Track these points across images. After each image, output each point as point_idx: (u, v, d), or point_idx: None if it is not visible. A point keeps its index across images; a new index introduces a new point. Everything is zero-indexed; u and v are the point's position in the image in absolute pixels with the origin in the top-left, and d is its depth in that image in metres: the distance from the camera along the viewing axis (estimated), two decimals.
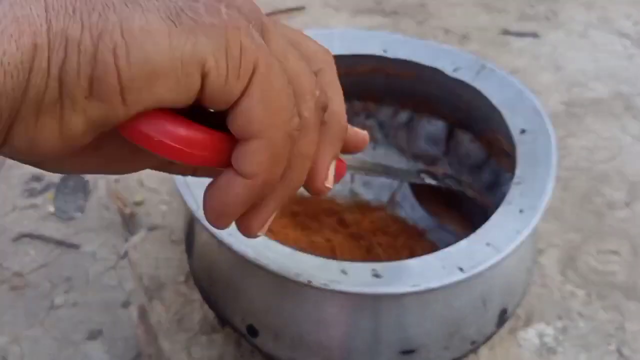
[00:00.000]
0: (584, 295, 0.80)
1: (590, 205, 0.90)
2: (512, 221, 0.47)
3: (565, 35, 1.19)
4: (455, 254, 0.45)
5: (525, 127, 0.54)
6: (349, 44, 0.62)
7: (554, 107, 1.02)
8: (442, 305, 0.47)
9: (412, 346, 0.47)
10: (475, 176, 0.64)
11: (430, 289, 0.43)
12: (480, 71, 0.59)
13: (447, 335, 0.48)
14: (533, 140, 0.53)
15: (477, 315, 0.50)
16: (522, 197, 0.49)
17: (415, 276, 0.43)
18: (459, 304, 0.48)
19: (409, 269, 0.44)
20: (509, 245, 0.45)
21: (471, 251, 0.45)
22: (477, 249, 0.45)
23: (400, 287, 0.43)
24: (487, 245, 0.46)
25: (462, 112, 0.63)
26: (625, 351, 0.75)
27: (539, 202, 0.48)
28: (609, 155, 0.99)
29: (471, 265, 0.44)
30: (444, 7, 1.27)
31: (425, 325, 0.47)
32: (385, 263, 0.44)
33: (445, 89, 0.61)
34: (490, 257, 0.45)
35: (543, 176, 0.50)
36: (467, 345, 0.51)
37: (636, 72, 1.12)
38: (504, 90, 0.57)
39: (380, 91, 0.67)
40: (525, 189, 0.50)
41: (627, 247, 0.94)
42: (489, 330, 0.53)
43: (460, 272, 0.43)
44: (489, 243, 0.46)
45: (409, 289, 0.43)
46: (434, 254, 0.45)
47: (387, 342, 0.46)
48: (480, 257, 0.45)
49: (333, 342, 0.46)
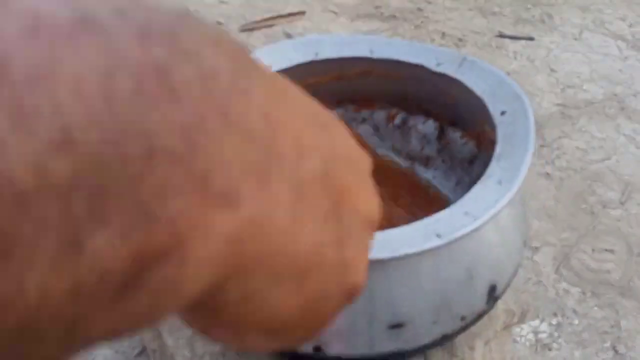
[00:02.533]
0: (579, 293, 0.81)
1: (584, 204, 0.92)
2: (491, 192, 0.49)
3: (561, 38, 1.20)
4: (434, 223, 0.47)
5: (506, 109, 0.56)
6: (337, 48, 0.64)
7: (548, 108, 1.04)
8: (427, 276, 0.48)
9: (400, 320, 0.49)
10: (467, 171, 0.66)
11: (408, 254, 0.45)
12: (462, 63, 0.61)
13: (435, 309, 0.50)
14: (513, 121, 0.55)
15: (464, 288, 0.51)
16: (501, 170, 0.51)
17: (394, 244, 0.45)
18: (444, 275, 0.49)
19: (389, 237, 0.46)
20: (486, 212, 0.47)
21: (450, 220, 0.47)
22: (455, 218, 0.47)
23: (379, 254, 0.44)
24: (465, 214, 0.47)
25: (450, 108, 0.65)
26: (620, 348, 0.76)
27: (517, 174, 0.50)
28: (603, 155, 1.00)
29: (449, 232, 0.46)
30: (440, 11, 1.29)
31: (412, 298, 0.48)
32: None
33: (431, 86, 0.63)
34: (468, 224, 0.46)
35: (521, 151, 0.52)
36: (457, 321, 0.52)
37: (631, 73, 1.14)
38: (485, 79, 0.59)
39: (372, 94, 0.69)
40: (504, 164, 0.51)
41: (622, 245, 0.95)
42: (479, 306, 0.53)
43: (438, 239, 0.45)
44: (467, 212, 0.47)
45: (386, 255, 0.44)
46: (413, 224, 0.47)
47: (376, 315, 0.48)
48: (458, 224, 0.46)
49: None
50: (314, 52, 0.63)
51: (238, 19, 1.61)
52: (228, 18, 1.63)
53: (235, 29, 1.55)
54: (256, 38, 1.56)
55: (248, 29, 1.56)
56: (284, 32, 1.57)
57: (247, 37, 1.54)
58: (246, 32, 1.54)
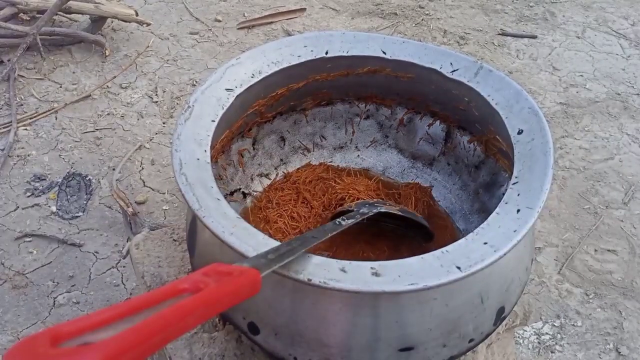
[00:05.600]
0: (582, 294, 0.80)
1: (587, 204, 0.91)
2: (510, 220, 0.47)
3: (563, 36, 1.20)
4: (453, 252, 0.45)
5: (523, 128, 0.54)
6: (348, 46, 0.62)
7: (551, 107, 1.03)
8: (440, 303, 0.47)
9: (410, 344, 0.48)
10: (473, 176, 0.64)
11: (428, 287, 0.43)
12: (478, 72, 0.59)
13: (446, 333, 0.49)
14: (530, 141, 0.53)
15: (475, 313, 0.50)
16: (519, 196, 0.49)
17: (413, 275, 0.43)
18: (457, 302, 0.48)
19: (408, 267, 0.44)
20: (506, 244, 0.45)
21: (469, 250, 0.45)
22: (474, 247, 0.46)
23: (399, 286, 0.43)
24: (484, 244, 0.46)
25: (460, 112, 0.63)
26: (623, 350, 0.75)
27: (536, 202, 0.48)
28: (606, 155, 0.99)
29: (469, 264, 0.44)
30: (442, 8, 1.27)
31: (423, 323, 0.47)
32: (384, 262, 0.44)
33: (443, 90, 0.62)
34: (488, 256, 0.45)
35: (540, 176, 0.50)
36: (465, 343, 0.52)
37: (634, 72, 1.13)
38: (501, 91, 0.57)
39: (380, 92, 0.67)
40: (522, 188, 0.50)
41: (625, 246, 0.94)
42: (487, 328, 0.53)
43: (458, 271, 0.44)
44: (486, 242, 0.46)
45: (407, 287, 0.43)
46: (432, 253, 0.45)
47: (386, 339, 0.47)
48: (477, 255, 0.45)
49: (333, 339, 0.47)
50: (324, 49, 0.61)
51: (237, 15, 1.60)
52: (227, 15, 1.62)
53: (234, 26, 1.54)
54: (255, 35, 1.54)
55: (247, 26, 1.55)
56: (284, 29, 1.56)
57: (245, 34, 1.52)
58: (245, 30, 1.52)
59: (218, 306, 0.30)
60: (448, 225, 0.62)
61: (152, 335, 0.25)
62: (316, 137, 0.68)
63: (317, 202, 0.62)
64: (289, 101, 0.63)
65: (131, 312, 0.26)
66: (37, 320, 0.89)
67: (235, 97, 0.54)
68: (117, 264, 0.96)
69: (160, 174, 1.08)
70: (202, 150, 0.49)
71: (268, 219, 0.60)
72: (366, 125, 0.70)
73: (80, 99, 1.22)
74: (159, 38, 1.41)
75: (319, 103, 0.67)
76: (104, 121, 1.17)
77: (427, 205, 0.64)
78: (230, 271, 0.32)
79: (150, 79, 1.28)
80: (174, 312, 0.27)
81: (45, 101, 1.22)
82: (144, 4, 1.55)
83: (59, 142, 1.14)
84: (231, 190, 0.61)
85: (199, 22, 1.49)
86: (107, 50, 1.37)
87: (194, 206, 0.45)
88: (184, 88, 1.27)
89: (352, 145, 0.70)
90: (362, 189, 0.64)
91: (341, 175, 0.66)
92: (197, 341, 0.58)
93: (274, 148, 0.65)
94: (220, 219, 0.44)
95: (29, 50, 1.32)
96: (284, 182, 0.65)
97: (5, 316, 0.89)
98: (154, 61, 1.34)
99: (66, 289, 0.93)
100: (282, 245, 0.42)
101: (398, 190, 0.65)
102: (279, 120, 0.65)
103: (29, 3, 1.33)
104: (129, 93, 1.24)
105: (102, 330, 0.25)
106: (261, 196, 0.63)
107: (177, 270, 0.61)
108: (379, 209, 0.57)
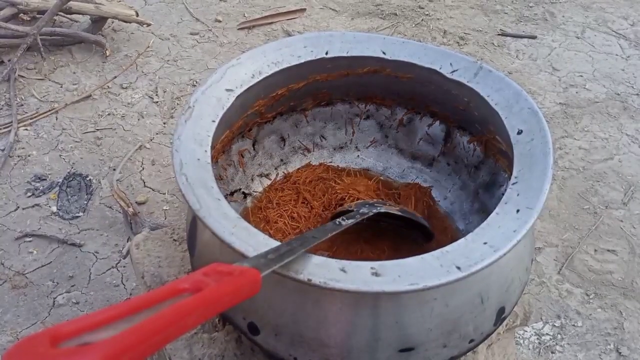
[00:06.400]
0: (582, 294, 0.80)
1: (587, 204, 0.91)
2: (510, 221, 0.47)
3: (563, 37, 1.20)
4: (453, 252, 0.45)
5: (522, 128, 0.54)
6: (348, 46, 0.62)
7: (551, 107, 1.03)
8: (440, 303, 0.47)
9: (410, 344, 0.48)
10: (473, 176, 0.64)
11: (428, 287, 0.43)
12: (478, 72, 0.59)
13: (446, 333, 0.49)
14: (530, 141, 0.53)
15: (475, 313, 0.50)
16: (519, 196, 0.49)
17: (413, 275, 0.43)
18: (457, 302, 0.48)
19: (408, 267, 0.44)
20: (506, 244, 0.45)
21: (469, 250, 0.45)
22: (474, 247, 0.46)
23: (399, 286, 0.43)
24: (484, 244, 0.46)
25: (460, 113, 0.63)
26: (623, 350, 0.75)
27: (536, 202, 0.48)
28: (605, 155, 0.99)
29: (468, 264, 0.44)
30: (441, 9, 1.28)
31: (423, 323, 0.47)
32: (384, 262, 0.44)
33: (443, 90, 0.62)
34: (488, 256, 0.45)
35: (540, 176, 0.50)
36: (466, 344, 0.51)
37: (634, 72, 1.13)
38: (501, 92, 0.57)
39: (380, 92, 0.67)
40: (522, 188, 0.50)
41: (624, 246, 0.94)
42: (487, 328, 0.53)
43: (458, 271, 0.44)
44: (486, 242, 0.46)
45: (407, 287, 0.43)
46: (432, 253, 0.45)
47: (386, 340, 0.47)
48: (477, 255, 0.45)
49: (333, 339, 0.47)
50: (324, 49, 0.61)
51: (237, 16, 1.60)
52: (227, 16, 1.62)
53: (234, 26, 1.54)
54: (255, 36, 1.55)
55: (247, 27, 1.55)
56: (284, 29, 1.56)
57: (245, 34, 1.53)
58: (245, 30, 1.53)
59: (218, 306, 0.30)
60: (448, 225, 0.62)
61: (152, 335, 0.25)
62: (316, 138, 0.68)
63: (317, 202, 0.62)
64: (289, 101, 0.63)
65: (131, 312, 0.26)
66: (37, 321, 0.89)
67: (236, 98, 0.54)
68: (117, 264, 0.96)
69: (161, 174, 1.08)
70: (202, 150, 0.49)
71: (268, 219, 0.60)
72: (366, 125, 0.70)
73: (80, 99, 1.22)
74: (160, 38, 1.41)
75: (319, 103, 0.67)
76: (105, 121, 1.17)
77: (427, 206, 0.64)
78: (231, 271, 0.32)
79: (151, 79, 1.28)
80: (174, 312, 0.27)
81: (45, 101, 1.22)
82: (145, 4, 1.55)
83: (60, 142, 1.14)
84: (231, 190, 0.61)
85: (199, 23, 1.50)
86: (108, 51, 1.37)
87: (195, 206, 0.45)
88: (184, 88, 1.27)
89: (352, 145, 0.70)
90: (362, 189, 0.64)
91: (341, 176, 0.66)
92: (197, 341, 0.58)
93: (274, 148, 0.65)
94: (221, 219, 0.44)
95: (29, 50, 1.32)
96: (284, 182, 0.65)
97: (4, 316, 0.89)
98: (154, 61, 1.34)
99: (66, 289, 0.93)
100: (282, 245, 0.42)
101: (398, 190, 0.65)
102: (279, 120, 0.65)
103: (29, 3, 1.33)
104: (130, 93, 1.24)
105: (102, 330, 0.25)
106: (261, 196, 0.63)
107: (177, 270, 0.61)
108: (379, 209, 0.57)
